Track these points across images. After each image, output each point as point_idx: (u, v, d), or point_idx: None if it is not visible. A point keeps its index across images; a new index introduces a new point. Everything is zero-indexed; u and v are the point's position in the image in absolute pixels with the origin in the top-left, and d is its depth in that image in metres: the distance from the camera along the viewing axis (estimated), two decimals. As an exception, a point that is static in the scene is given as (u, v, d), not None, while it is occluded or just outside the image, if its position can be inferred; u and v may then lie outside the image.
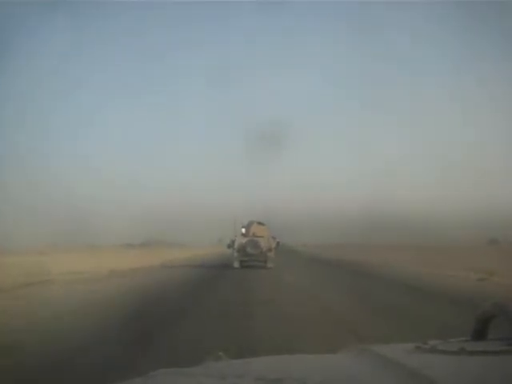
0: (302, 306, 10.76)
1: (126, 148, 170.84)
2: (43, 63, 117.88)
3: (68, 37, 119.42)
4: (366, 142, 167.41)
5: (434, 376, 0.99)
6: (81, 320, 9.40)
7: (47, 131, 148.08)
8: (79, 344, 6.94)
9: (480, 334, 1.32)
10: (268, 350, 5.75)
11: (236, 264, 24.89)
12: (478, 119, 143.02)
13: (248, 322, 8.56)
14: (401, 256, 33.64)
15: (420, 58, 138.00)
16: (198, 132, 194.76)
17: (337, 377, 1.15)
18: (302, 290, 14.48)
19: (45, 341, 7.22)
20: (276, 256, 25.57)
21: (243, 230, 25.74)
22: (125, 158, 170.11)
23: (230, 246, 25.92)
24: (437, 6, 76.57)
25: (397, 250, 43.68)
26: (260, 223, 26.09)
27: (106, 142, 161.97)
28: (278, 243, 26.15)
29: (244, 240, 24.93)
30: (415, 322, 8.37)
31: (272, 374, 1.11)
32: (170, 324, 8.77)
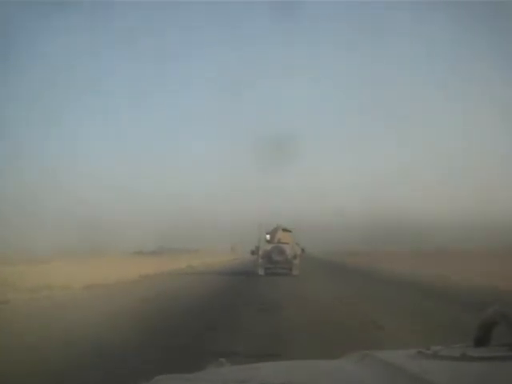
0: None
1: (138, 155, 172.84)
2: (46, 63, 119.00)
3: (73, 37, 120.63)
4: (376, 147, 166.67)
5: (436, 382, 1.00)
6: None
7: (54, 134, 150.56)
8: None
9: (482, 340, 1.32)
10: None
11: (261, 271, 24.63)
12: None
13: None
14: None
15: (420, 59, 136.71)
16: (209, 140, 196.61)
17: (340, 382, 1.16)
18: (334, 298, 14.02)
19: None
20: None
21: (268, 237, 25.44)
22: (137, 166, 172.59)
23: (255, 252, 25.73)
24: (437, 6, 75.69)
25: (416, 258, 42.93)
26: (285, 229, 25.66)
27: (115, 147, 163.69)
28: (302, 250, 25.88)
29: (269, 247, 24.60)
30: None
31: (275, 380, 1.12)
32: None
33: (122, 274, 23.94)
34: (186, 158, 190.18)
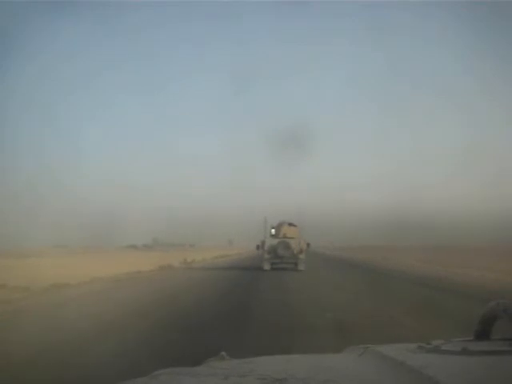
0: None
1: (137, 149, 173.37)
2: (46, 62, 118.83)
3: (72, 36, 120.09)
4: (382, 143, 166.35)
5: (437, 376, 1.00)
6: None
7: (54, 131, 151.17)
8: None
9: (483, 334, 1.31)
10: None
11: (266, 266, 24.63)
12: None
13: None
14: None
15: (423, 57, 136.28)
16: (208, 136, 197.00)
17: (340, 376, 1.16)
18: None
19: None
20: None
21: (273, 231, 25.43)
22: (136, 159, 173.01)
23: (260, 247, 25.71)
24: (437, 6, 75.29)
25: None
26: (291, 224, 25.61)
27: (114, 141, 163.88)
28: (308, 245, 25.87)
29: (275, 241, 24.57)
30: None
31: (275, 374, 1.12)
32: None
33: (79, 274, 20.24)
34: (185, 154, 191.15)
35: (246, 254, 55.95)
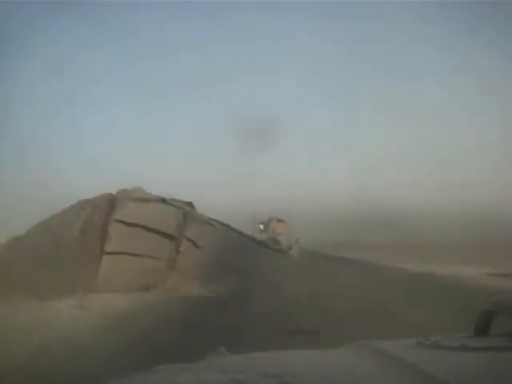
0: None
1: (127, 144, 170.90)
2: (47, 63, 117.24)
3: (74, 36, 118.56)
4: (363, 140, 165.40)
5: (435, 372, 1.00)
6: None
7: (56, 131, 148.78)
8: None
9: (482, 330, 1.31)
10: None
11: None
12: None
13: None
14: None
15: (419, 58, 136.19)
16: (186, 130, 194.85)
17: (338, 372, 1.16)
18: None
19: None
20: None
21: (261, 227, 25.35)
22: (123, 154, 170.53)
23: None
24: (437, 5, 75.45)
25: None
26: (280, 220, 25.53)
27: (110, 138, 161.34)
28: (296, 241, 25.88)
29: (264, 237, 24.48)
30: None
31: (273, 370, 1.11)
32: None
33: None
34: (171, 150, 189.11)
35: None
